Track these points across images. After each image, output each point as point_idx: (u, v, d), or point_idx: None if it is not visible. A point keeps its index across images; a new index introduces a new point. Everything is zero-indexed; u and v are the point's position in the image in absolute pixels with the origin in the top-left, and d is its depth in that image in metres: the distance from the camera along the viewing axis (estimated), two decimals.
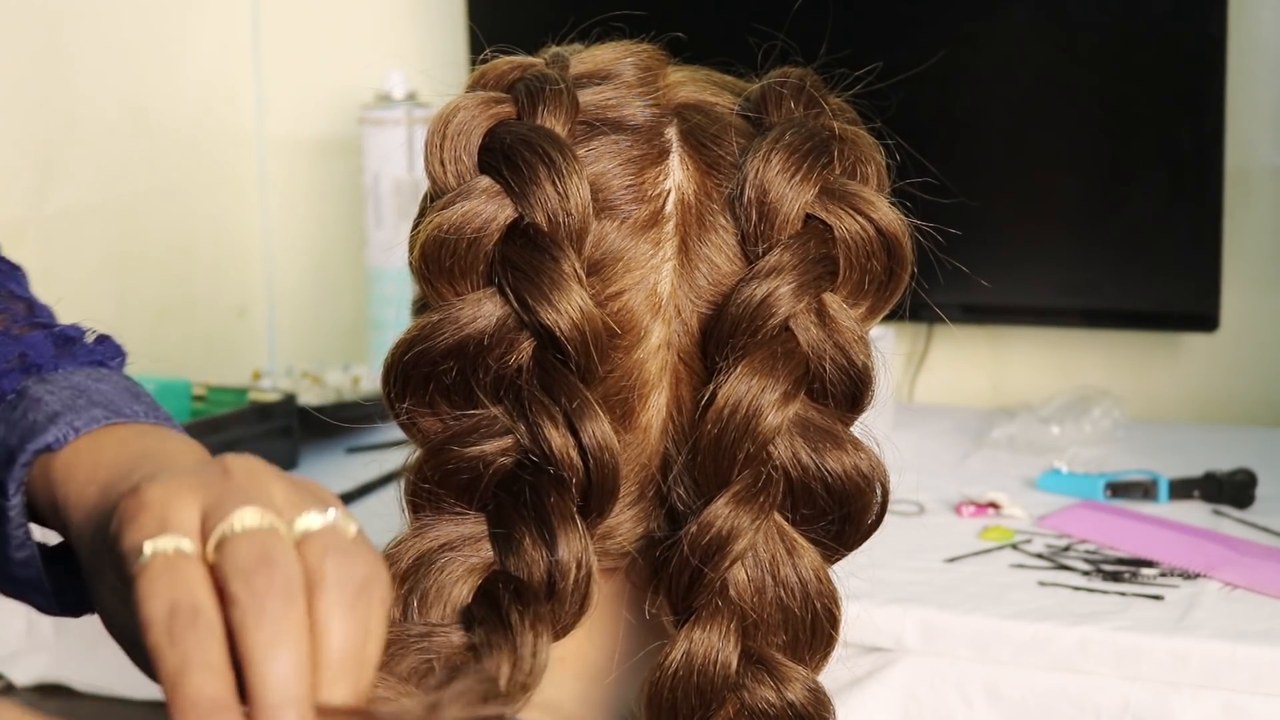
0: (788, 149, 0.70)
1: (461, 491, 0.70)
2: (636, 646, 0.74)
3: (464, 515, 0.71)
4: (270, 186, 2.27)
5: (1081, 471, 1.61)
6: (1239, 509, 1.52)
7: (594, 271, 0.70)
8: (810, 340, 0.70)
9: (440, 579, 0.69)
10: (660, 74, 0.75)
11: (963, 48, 1.84)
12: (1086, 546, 1.42)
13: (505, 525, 0.69)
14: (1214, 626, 1.24)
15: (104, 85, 1.96)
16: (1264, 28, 1.83)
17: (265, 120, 2.24)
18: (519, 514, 0.69)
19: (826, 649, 0.72)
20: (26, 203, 1.84)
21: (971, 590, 1.32)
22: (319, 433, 1.78)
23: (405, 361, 0.70)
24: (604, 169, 0.71)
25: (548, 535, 0.68)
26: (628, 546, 0.73)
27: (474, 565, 0.70)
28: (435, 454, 0.71)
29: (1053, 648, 1.24)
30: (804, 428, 0.70)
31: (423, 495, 0.71)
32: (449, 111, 0.72)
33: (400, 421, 0.72)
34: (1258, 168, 1.85)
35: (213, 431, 1.60)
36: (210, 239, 2.17)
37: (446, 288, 0.70)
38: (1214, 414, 1.91)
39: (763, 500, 0.69)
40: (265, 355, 2.27)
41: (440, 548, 0.70)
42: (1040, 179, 1.87)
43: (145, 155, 2.04)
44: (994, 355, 1.99)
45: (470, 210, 0.69)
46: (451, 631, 0.68)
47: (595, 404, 0.68)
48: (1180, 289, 1.81)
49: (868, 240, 0.71)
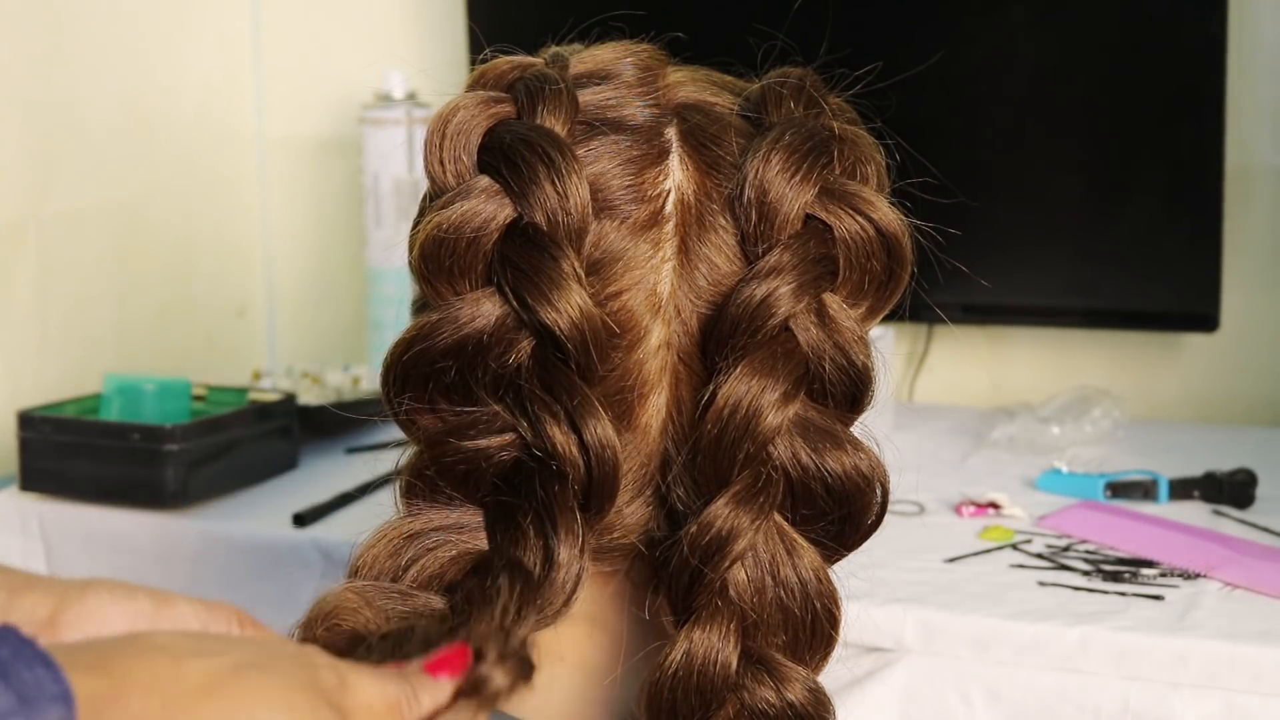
0: (788, 149, 0.70)
1: (459, 483, 0.70)
2: (636, 646, 0.74)
3: (459, 505, 0.71)
4: (270, 186, 2.27)
5: (1081, 471, 1.61)
6: (1239, 509, 1.52)
7: (593, 271, 0.70)
8: (810, 340, 0.70)
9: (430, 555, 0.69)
10: (660, 74, 0.75)
11: (963, 48, 1.84)
12: (1086, 546, 1.42)
13: (505, 515, 0.69)
14: (1214, 626, 1.23)
15: (104, 85, 1.96)
16: (1264, 27, 1.83)
17: (265, 120, 2.25)
18: (519, 505, 0.69)
19: (826, 649, 0.72)
20: (26, 203, 1.84)
21: (971, 590, 1.32)
22: (319, 433, 1.78)
23: (405, 360, 0.70)
24: (604, 169, 0.71)
25: (548, 526, 0.68)
26: (627, 546, 0.73)
27: (467, 549, 0.70)
28: (434, 446, 0.71)
29: (1053, 648, 1.24)
30: (804, 428, 0.70)
31: (418, 487, 0.71)
32: (448, 111, 0.72)
33: (399, 420, 0.72)
34: (1258, 168, 1.85)
35: (213, 431, 1.60)
36: (210, 239, 2.17)
37: (446, 287, 0.70)
38: (1214, 414, 1.91)
39: (763, 500, 0.69)
40: (265, 355, 2.27)
41: (434, 529, 0.70)
42: (1040, 179, 1.87)
43: (145, 155, 2.04)
44: (994, 355, 1.99)
45: (470, 210, 0.69)
46: (433, 599, 0.68)
47: (596, 402, 0.68)
48: (1180, 289, 1.81)
49: (868, 240, 0.71)
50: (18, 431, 1.61)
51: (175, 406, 1.66)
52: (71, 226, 1.90)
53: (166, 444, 1.55)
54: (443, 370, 0.70)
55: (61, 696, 0.47)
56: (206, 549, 1.57)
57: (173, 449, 1.55)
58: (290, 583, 1.52)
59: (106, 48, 1.96)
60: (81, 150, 1.93)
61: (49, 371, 1.86)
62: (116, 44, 1.98)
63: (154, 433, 1.55)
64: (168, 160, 2.08)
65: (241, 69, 2.22)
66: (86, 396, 1.67)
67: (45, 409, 1.63)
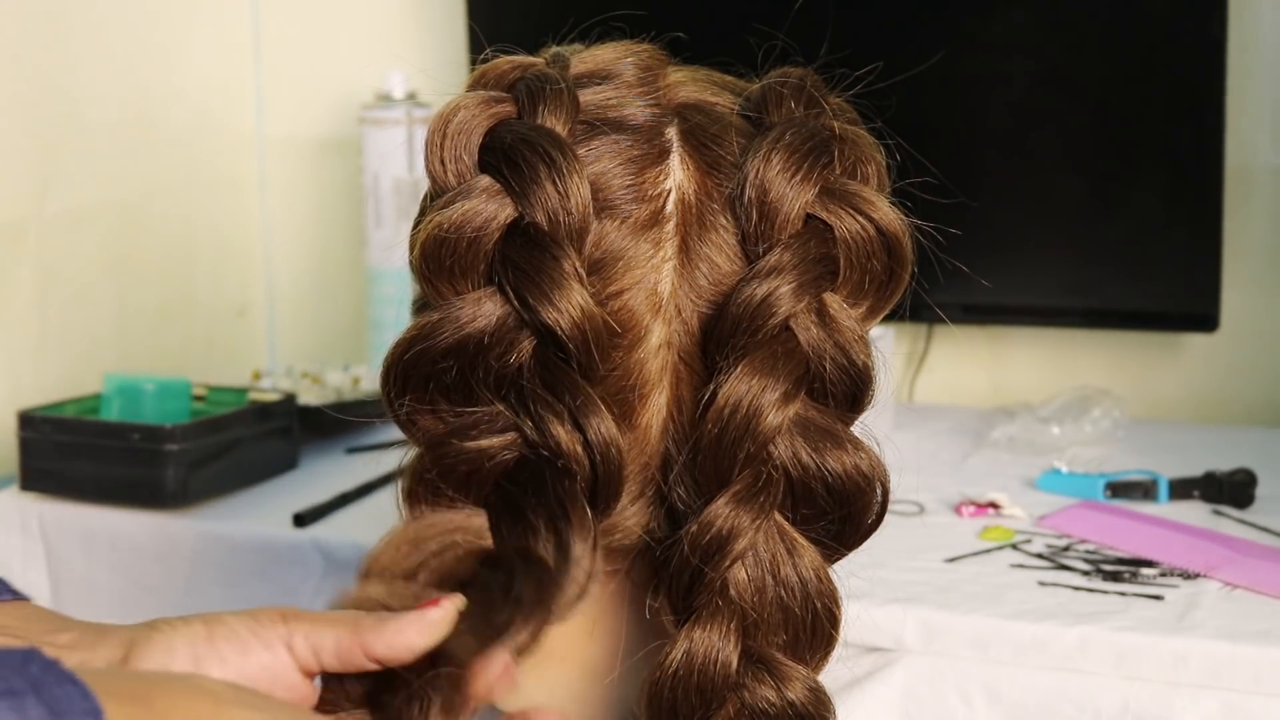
0: (788, 149, 0.70)
1: (461, 484, 0.70)
2: (637, 646, 0.74)
3: (462, 507, 0.71)
4: (270, 186, 2.27)
5: (1081, 471, 1.61)
6: (1239, 509, 1.52)
7: (594, 271, 0.70)
8: (810, 340, 0.70)
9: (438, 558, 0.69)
10: (660, 74, 0.75)
11: (963, 48, 1.84)
12: (1086, 546, 1.42)
13: (514, 513, 0.69)
14: (1214, 626, 1.24)
15: (104, 85, 1.96)
16: (1264, 27, 1.83)
17: (265, 120, 2.25)
18: (529, 502, 0.68)
19: (827, 648, 0.72)
20: (26, 203, 1.84)
21: (971, 590, 1.32)
22: (319, 433, 1.78)
23: (405, 360, 0.70)
24: (604, 168, 0.71)
25: (561, 522, 0.67)
26: (628, 546, 0.73)
27: (474, 550, 0.70)
28: (435, 448, 0.70)
29: (1053, 648, 1.24)
30: (804, 427, 0.70)
31: (420, 490, 0.71)
32: (449, 111, 0.72)
33: (400, 420, 0.72)
34: (1258, 168, 1.85)
35: (213, 431, 1.60)
36: (210, 239, 2.17)
37: (447, 287, 0.70)
38: (1214, 414, 1.91)
39: (763, 500, 0.69)
40: (265, 355, 2.27)
41: (439, 532, 0.70)
42: (1040, 179, 1.87)
43: (145, 155, 2.04)
44: (994, 355, 1.99)
45: (470, 209, 0.69)
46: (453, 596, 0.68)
47: (598, 401, 0.68)
48: (1180, 289, 1.81)
49: (868, 240, 0.71)
50: (18, 431, 1.62)
51: (175, 406, 1.66)
52: (71, 226, 1.90)
53: (166, 444, 1.55)
54: (444, 370, 0.70)
55: (91, 712, 0.48)
56: (206, 549, 1.57)
57: (173, 449, 1.55)
58: (290, 583, 1.52)
59: (106, 48, 1.96)
60: (81, 150, 1.93)
61: (49, 371, 1.86)
62: (116, 44, 1.98)
63: (154, 433, 1.55)
64: (168, 160, 2.08)
65: (241, 69, 2.22)
66: (86, 396, 1.67)
67: (45, 409, 1.63)
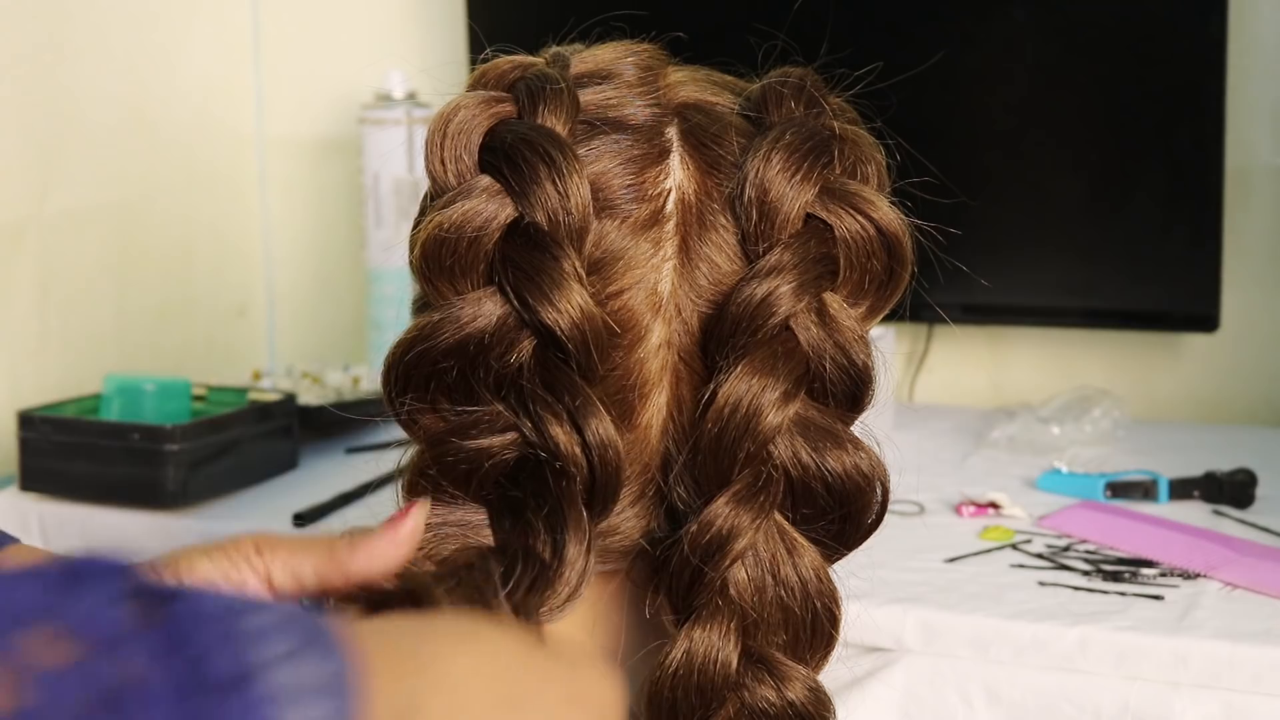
0: (788, 148, 0.70)
1: (461, 482, 0.70)
2: (637, 646, 0.74)
3: (462, 503, 0.71)
4: (270, 186, 2.27)
5: (1081, 471, 1.61)
6: (1239, 509, 1.52)
7: (594, 270, 0.70)
8: (810, 340, 0.70)
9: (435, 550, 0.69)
10: (661, 74, 0.75)
11: (963, 48, 1.84)
12: (1086, 546, 1.42)
13: (512, 511, 0.69)
14: (1214, 626, 1.23)
15: (104, 85, 1.96)
16: (1264, 28, 1.83)
17: (265, 120, 2.25)
18: (527, 500, 0.69)
19: (827, 648, 0.72)
20: (26, 203, 1.84)
21: (971, 590, 1.32)
22: (319, 433, 1.78)
23: (406, 361, 0.70)
24: (604, 168, 0.71)
25: (557, 522, 0.68)
26: (628, 546, 0.73)
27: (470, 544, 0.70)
28: (436, 446, 0.71)
29: (1053, 648, 1.24)
30: (804, 427, 0.70)
31: (421, 485, 0.71)
32: (449, 111, 0.72)
33: (401, 419, 0.72)
34: (1258, 168, 1.85)
35: (213, 431, 1.60)
36: (210, 239, 2.17)
37: (447, 287, 0.70)
38: (1214, 414, 1.91)
39: (763, 499, 0.69)
40: (265, 355, 2.27)
41: (438, 525, 0.70)
42: (1040, 179, 1.87)
43: (145, 155, 2.04)
44: (994, 355, 1.99)
45: (471, 209, 0.69)
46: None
47: (597, 401, 0.68)
48: (1180, 289, 1.81)
49: (868, 240, 0.71)
50: (18, 431, 1.61)
51: (175, 406, 1.66)
52: (71, 226, 1.90)
53: (166, 444, 1.55)
54: (444, 370, 0.70)
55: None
56: None
57: (173, 449, 1.55)
58: None
59: (106, 48, 1.96)
60: (81, 150, 1.93)
61: (49, 371, 1.86)
62: (116, 44, 1.98)
63: (154, 433, 1.55)
64: (168, 160, 2.08)
65: (241, 69, 2.22)
66: (86, 396, 1.67)
67: (45, 409, 1.63)
